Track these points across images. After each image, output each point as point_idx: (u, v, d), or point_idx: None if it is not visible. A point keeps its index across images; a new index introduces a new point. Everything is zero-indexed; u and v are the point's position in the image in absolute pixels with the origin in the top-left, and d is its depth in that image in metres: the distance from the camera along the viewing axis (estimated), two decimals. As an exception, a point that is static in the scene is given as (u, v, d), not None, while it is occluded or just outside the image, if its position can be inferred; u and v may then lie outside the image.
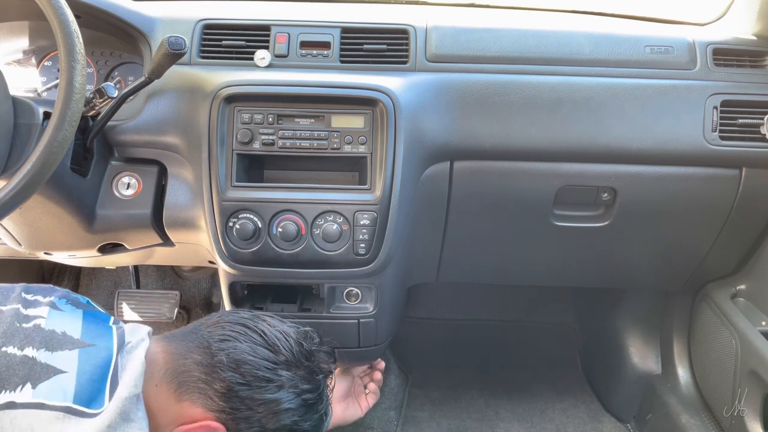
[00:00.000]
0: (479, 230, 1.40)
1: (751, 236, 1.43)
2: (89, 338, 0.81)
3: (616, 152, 1.27)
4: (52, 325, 0.81)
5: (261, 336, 0.94)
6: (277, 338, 0.95)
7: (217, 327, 0.94)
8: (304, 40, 1.27)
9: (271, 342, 0.94)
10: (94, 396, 0.75)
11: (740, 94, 1.28)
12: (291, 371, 0.93)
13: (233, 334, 0.93)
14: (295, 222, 1.16)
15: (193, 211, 1.24)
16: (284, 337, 0.96)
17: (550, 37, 1.30)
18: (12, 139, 1.01)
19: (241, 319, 0.97)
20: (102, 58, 1.34)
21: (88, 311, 0.88)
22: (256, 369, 0.90)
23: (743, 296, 1.49)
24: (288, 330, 0.98)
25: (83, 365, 0.77)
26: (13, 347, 0.76)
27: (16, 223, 1.23)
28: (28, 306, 0.83)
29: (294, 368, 0.94)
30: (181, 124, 1.21)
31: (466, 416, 1.84)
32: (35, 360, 0.75)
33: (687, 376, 1.68)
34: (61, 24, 0.93)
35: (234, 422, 0.87)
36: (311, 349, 0.99)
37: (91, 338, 0.82)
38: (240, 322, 0.96)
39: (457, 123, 1.24)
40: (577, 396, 1.93)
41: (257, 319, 0.98)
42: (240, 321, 0.96)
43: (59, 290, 0.90)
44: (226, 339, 0.92)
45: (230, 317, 0.97)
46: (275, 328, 0.97)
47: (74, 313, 0.86)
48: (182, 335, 0.94)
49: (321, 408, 0.98)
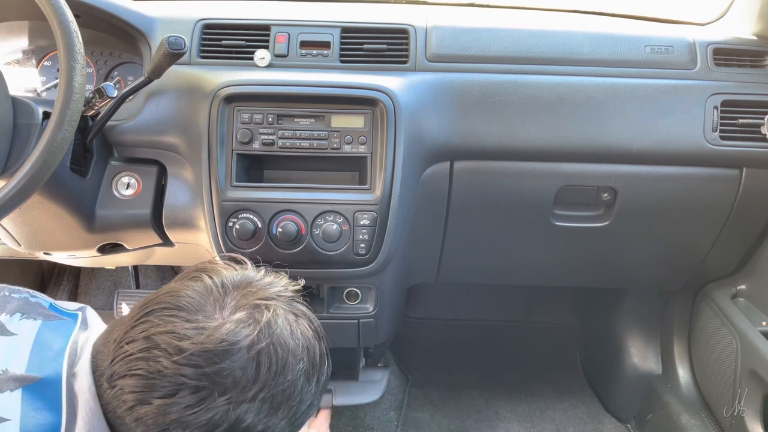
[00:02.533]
0: (479, 230, 1.40)
1: (751, 236, 1.43)
2: (36, 367, 0.69)
3: (616, 152, 1.27)
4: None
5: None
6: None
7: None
8: (304, 39, 1.27)
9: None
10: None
11: (741, 94, 1.28)
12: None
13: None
14: (295, 222, 1.16)
15: (193, 211, 1.24)
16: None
17: (550, 37, 1.30)
18: (12, 139, 1.01)
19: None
20: (102, 58, 1.34)
21: (46, 321, 0.75)
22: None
23: (743, 296, 1.49)
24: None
25: (27, 409, 0.65)
26: None
27: (15, 223, 1.23)
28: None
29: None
30: (180, 124, 1.21)
31: (466, 416, 1.84)
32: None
33: (687, 376, 1.68)
34: (61, 24, 0.93)
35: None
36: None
37: (38, 366, 0.69)
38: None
39: (457, 123, 1.24)
40: (577, 396, 1.93)
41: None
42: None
43: (14, 299, 0.77)
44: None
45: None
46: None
47: (26, 332, 0.72)
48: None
49: None
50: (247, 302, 0.75)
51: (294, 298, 0.81)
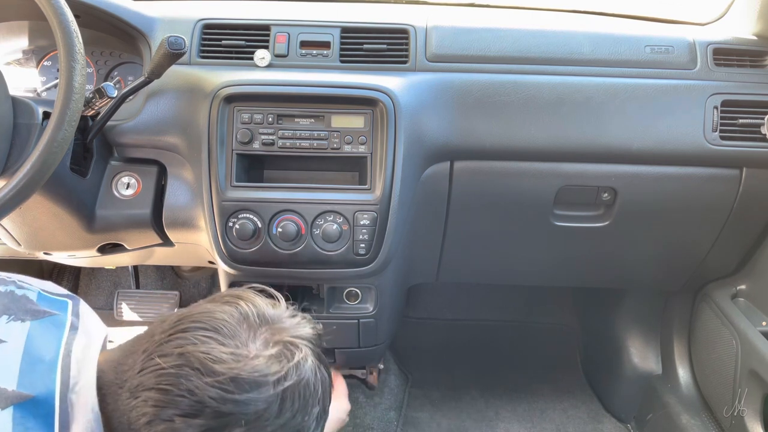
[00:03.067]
0: (479, 230, 1.40)
1: (751, 236, 1.43)
2: (27, 382, 0.67)
3: (616, 152, 1.27)
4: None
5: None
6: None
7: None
8: (303, 39, 1.27)
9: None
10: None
11: (741, 94, 1.28)
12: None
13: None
14: (294, 222, 1.16)
15: (193, 211, 1.24)
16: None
17: (550, 37, 1.30)
18: (12, 139, 1.01)
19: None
20: (102, 58, 1.34)
21: (35, 322, 0.73)
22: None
23: (743, 296, 1.49)
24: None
25: (18, 429, 0.63)
26: None
27: (15, 223, 1.23)
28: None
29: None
30: (180, 124, 1.21)
31: (466, 416, 1.84)
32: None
33: (687, 376, 1.68)
34: (61, 24, 0.93)
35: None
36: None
37: (30, 382, 0.67)
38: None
39: (457, 123, 1.24)
40: (577, 396, 1.92)
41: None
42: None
43: (0, 294, 0.74)
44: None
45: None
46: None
47: (15, 339, 0.70)
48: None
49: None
50: (280, 338, 0.76)
51: (317, 342, 0.82)
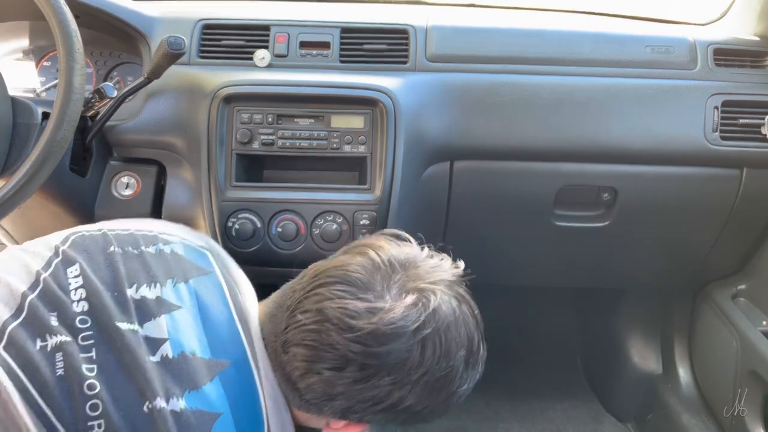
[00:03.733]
0: (479, 230, 1.40)
1: (752, 236, 1.43)
2: (220, 350, 0.71)
3: (616, 152, 1.26)
4: (178, 344, 0.69)
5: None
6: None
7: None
8: (303, 40, 1.27)
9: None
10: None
11: (741, 94, 1.28)
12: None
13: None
14: (294, 222, 1.16)
15: (193, 211, 1.24)
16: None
17: (550, 37, 1.30)
18: (11, 139, 1.01)
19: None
20: (101, 58, 1.34)
21: (196, 280, 0.76)
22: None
23: (744, 296, 1.49)
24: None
25: (234, 401, 0.68)
26: (160, 398, 0.64)
27: (15, 223, 1.23)
28: (143, 319, 0.69)
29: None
30: (180, 124, 1.21)
31: (466, 416, 1.84)
32: (186, 413, 0.64)
33: (687, 377, 1.68)
34: (60, 24, 0.93)
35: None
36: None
37: (222, 349, 0.71)
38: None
39: (457, 123, 1.24)
40: (577, 396, 1.92)
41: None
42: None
43: (155, 257, 0.76)
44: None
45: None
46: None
47: (187, 302, 0.73)
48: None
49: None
50: (414, 285, 0.75)
51: (457, 282, 0.80)
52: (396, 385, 0.72)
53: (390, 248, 0.79)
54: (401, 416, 0.77)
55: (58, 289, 0.68)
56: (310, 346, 0.72)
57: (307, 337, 0.72)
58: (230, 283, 0.81)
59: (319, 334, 0.71)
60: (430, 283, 0.76)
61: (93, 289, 0.69)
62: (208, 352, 0.70)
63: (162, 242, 0.80)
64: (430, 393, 0.74)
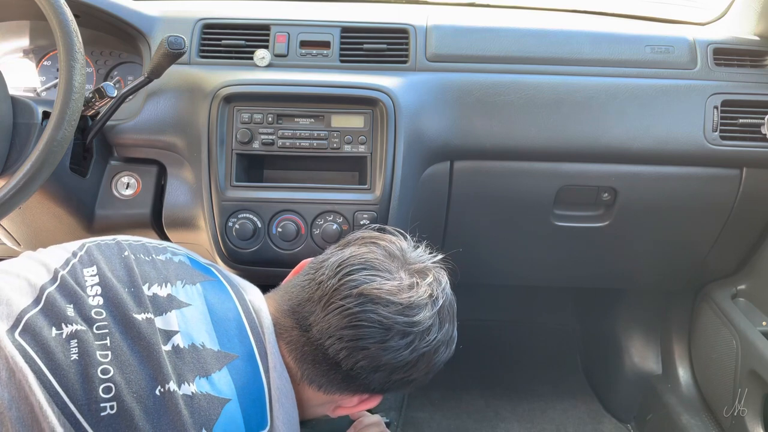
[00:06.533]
0: (479, 230, 1.40)
1: (751, 236, 1.43)
2: (228, 344, 0.75)
3: (616, 152, 1.26)
4: (189, 336, 0.72)
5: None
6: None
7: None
8: (303, 39, 1.27)
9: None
10: (259, 420, 0.73)
11: (741, 94, 1.28)
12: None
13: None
14: (294, 222, 1.16)
15: (193, 210, 1.24)
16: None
17: (550, 37, 1.30)
18: (11, 139, 1.01)
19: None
20: (101, 58, 1.34)
21: (203, 284, 0.81)
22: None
23: (744, 296, 1.49)
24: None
25: (240, 390, 0.72)
26: (173, 383, 0.67)
27: (15, 223, 1.23)
28: (156, 313, 0.73)
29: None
30: (180, 124, 1.21)
31: (466, 416, 1.84)
32: (198, 397, 0.68)
33: (687, 377, 1.68)
34: (61, 23, 0.93)
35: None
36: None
37: (229, 343, 0.75)
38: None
39: (457, 123, 1.24)
40: (577, 396, 1.92)
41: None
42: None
43: (167, 263, 0.82)
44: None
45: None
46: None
47: (197, 301, 0.78)
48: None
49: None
50: (424, 266, 0.87)
51: (439, 265, 0.92)
52: (431, 347, 0.84)
53: (385, 239, 0.91)
54: (406, 385, 0.87)
55: (75, 285, 0.73)
56: (356, 326, 0.79)
57: (354, 319, 0.79)
58: (235, 286, 0.86)
59: (365, 313, 0.79)
60: (424, 266, 0.88)
61: (109, 285, 0.74)
62: (216, 345, 0.74)
63: (171, 252, 0.86)
64: (441, 352, 0.87)
